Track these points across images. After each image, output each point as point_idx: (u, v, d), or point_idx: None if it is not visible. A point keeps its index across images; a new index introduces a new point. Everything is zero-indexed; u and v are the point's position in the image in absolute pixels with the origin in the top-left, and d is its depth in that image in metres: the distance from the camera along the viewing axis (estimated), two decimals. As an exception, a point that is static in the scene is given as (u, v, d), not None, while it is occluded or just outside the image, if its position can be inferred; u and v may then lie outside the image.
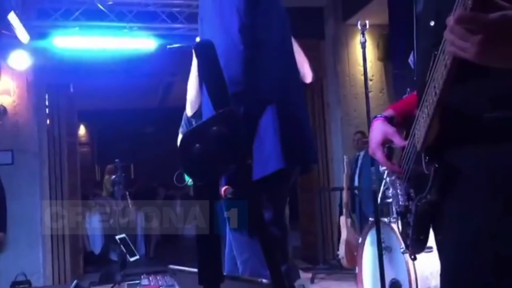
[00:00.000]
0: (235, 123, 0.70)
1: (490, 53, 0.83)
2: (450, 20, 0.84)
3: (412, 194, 1.20)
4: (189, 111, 1.80)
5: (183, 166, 0.73)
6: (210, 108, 0.75)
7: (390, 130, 1.24)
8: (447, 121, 1.04)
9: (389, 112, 1.29)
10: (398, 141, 1.22)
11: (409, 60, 5.08)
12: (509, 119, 0.98)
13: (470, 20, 0.81)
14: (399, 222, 1.34)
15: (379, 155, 1.25)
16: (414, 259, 1.43)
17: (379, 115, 1.30)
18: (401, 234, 1.33)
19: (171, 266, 0.89)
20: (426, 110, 1.05)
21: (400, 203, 1.30)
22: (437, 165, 1.07)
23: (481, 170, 1.01)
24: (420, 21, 1.21)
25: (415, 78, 1.24)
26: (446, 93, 0.96)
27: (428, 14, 1.13)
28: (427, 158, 1.10)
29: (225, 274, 0.74)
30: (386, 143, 1.25)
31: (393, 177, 1.38)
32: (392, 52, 5.58)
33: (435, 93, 0.98)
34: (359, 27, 2.71)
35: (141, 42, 5.44)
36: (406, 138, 1.22)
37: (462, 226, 1.04)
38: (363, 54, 2.77)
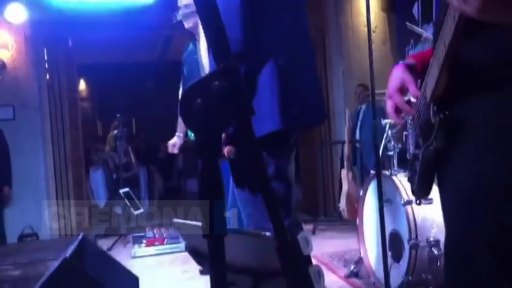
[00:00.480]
0: (236, 77, 0.69)
1: (491, 9, 0.84)
2: None
3: (420, 143, 1.25)
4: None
5: (184, 121, 0.73)
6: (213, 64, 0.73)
7: (408, 77, 1.26)
8: (455, 73, 1.07)
9: (409, 61, 1.32)
10: (413, 90, 1.25)
11: (413, 11, 4.99)
12: None
13: None
14: (401, 171, 1.40)
15: (396, 98, 1.28)
16: (419, 203, 1.51)
17: (401, 62, 1.33)
18: (409, 180, 1.39)
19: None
20: (436, 62, 1.08)
21: (411, 152, 1.36)
22: (442, 116, 1.10)
23: (486, 120, 1.04)
24: None
25: (434, 33, 1.26)
26: (454, 46, 0.99)
27: None
28: (435, 108, 1.14)
29: (228, 228, 0.75)
30: (403, 90, 1.28)
31: (395, 130, 1.44)
32: (396, 2, 5.46)
33: (445, 44, 1.01)
34: (362, -24, 2.64)
35: (139, -6, 5.32)
36: (420, 87, 1.25)
37: (465, 173, 1.08)
38: (366, 4, 2.70)
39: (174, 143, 3.88)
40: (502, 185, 1.02)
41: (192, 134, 3.45)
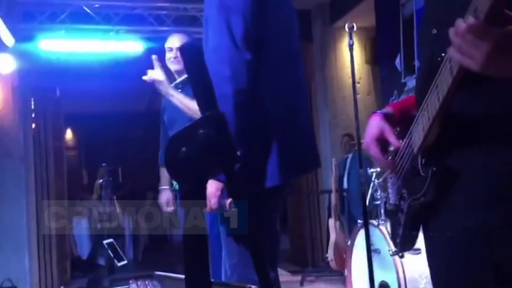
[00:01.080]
0: (222, 126, 0.69)
1: (496, 64, 0.84)
2: (461, 26, 0.84)
3: (404, 194, 1.21)
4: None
5: (169, 170, 0.72)
6: None
7: (387, 128, 1.23)
8: (447, 124, 1.05)
9: (388, 109, 1.30)
10: (393, 140, 1.22)
11: (396, 63, 5.13)
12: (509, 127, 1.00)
13: (483, 31, 0.82)
14: (388, 221, 1.36)
15: (373, 150, 1.25)
16: (402, 257, 1.46)
17: (378, 111, 1.30)
18: (390, 232, 1.35)
19: (157, 273, 0.87)
20: (426, 114, 1.05)
21: (391, 201, 1.31)
22: (434, 168, 1.07)
23: (480, 174, 1.02)
24: (422, 28, 1.22)
25: (416, 83, 1.27)
26: (449, 99, 0.97)
27: (430, 21, 1.15)
28: (424, 160, 1.11)
29: (212, 280, 0.73)
30: (381, 140, 1.25)
31: (381, 179, 1.41)
32: (379, 55, 5.61)
33: (438, 98, 0.99)
34: (346, 29, 2.72)
35: (128, 45, 5.41)
36: (400, 137, 1.23)
37: (458, 228, 1.05)
38: (351, 56, 2.77)
39: (167, 199, 3.68)
40: (495, 234, 1.00)
41: (176, 184, 3.39)
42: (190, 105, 2.40)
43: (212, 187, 1.87)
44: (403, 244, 1.26)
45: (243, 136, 1.46)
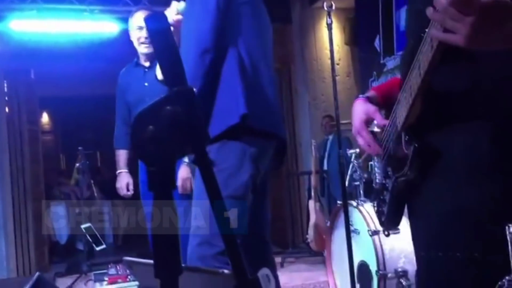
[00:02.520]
0: (190, 102, 0.65)
1: (479, 37, 0.82)
2: (441, 2, 0.83)
3: (389, 173, 1.22)
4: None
5: (135, 150, 0.68)
6: None
7: (371, 108, 1.24)
8: (429, 101, 1.05)
9: (371, 93, 1.31)
10: (379, 119, 1.23)
11: (375, 44, 5.11)
12: (489, 104, 1.00)
13: (465, 2, 0.80)
14: (367, 201, 1.38)
15: (364, 134, 1.26)
16: (388, 235, 1.50)
17: (361, 96, 1.31)
18: (376, 211, 1.35)
19: (126, 258, 0.84)
20: (409, 90, 1.06)
21: (377, 181, 1.32)
22: (416, 145, 1.08)
23: (462, 150, 1.03)
24: (409, 6, 1.23)
25: (401, 61, 1.27)
26: (430, 74, 0.97)
27: None
28: (407, 137, 1.12)
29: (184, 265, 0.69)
30: (369, 122, 1.26)
31: (361, 160, 1.43)
32: (358, 36, 5.59)
33: (420, 73, 0.99)
34: (325, 8, 2.68)
35: (103, 26, 5.28)
36: (386, 118, 1.24)
37: (438, 206, 1.06)
38: (329, 36, 2.73)
39: (126, 183, 3.48)
40: (480, 214, 1.00)
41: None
42: None
43: (184, 171, 1.85)
44: (389, 222, 1.28)
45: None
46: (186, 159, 2.84)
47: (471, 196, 1.00)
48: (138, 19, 3.08)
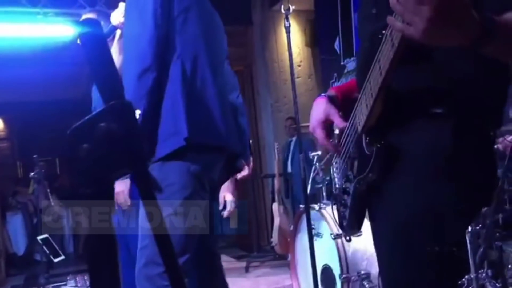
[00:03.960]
0: (127, 118, 0.60)
1: (436, 32, 0.81)
2: None
3: (350, 176, 1.20)
4: None
5: (69, 170, 0.62)
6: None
7: (332, 110, 1.23)
8: (389, 103, 1.04)
9: (331, 92, 1.29)
10: (338, 121, 1.22)
11: (335, 46, 5.14)
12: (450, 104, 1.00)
13: None
14: (330, 205, 1.37)
15: (318, 132, 1.24)
16: (349, 240, 1.48)
17: (323, 94, 1.30)
18: (337, 215, 1.32)
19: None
20: (369, 92, 1.04)
21: (337, 186, 1.30)
22: (378, 145, 1.07)
23: (421, 149, 1.03)
24: (362, 8, 1.22)
25: (357, 63, 1.29)
26: (391, 74, 0.96)
27: (369, 2, 1.15)
28: (368, 139, 1.10)
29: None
30: (327, 122, 1.24)
31: (323, 162, 1.41)
32: (318, 38, 5.61)
33: (380, 73, 0.97)
34: (282, 11, 2.66)
35: (58, 29, 5.11)
36: (345, 120, 1.22)
37: (400, 205, 1.05)
38: (287, 39, 2.72)
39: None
40: (442, 211, 1.01)
41: None
42: None
43: (120, 186, 1.80)
44: (350, 227, 1.26)
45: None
46: None
47: (433, 193, 1.01)
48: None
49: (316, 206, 3.02)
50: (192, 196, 1.58)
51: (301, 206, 3.27)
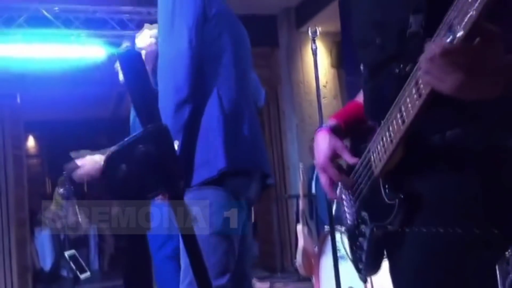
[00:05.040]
0: (164, 141, 0.63)
1: (470, 87, 0.77)
2: (432, 50, 0.77)
3: (365, 217, 1.11)
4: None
5: (107, 190, 0.65)
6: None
7: (338, 144, 1.14)
8: (411, 148, 0.97)
9: (333, 122, 1.20)
10: (347, 157, 1.13)
11: (361, 67, 5.15)
12: (473, 149, 0.93)
13: (460, 53, 0.74)
14: (350, 245, 1.27)
15: (330, 171, 1.15)
16: (365, 281, 1.37)
17: (323, 125, 1.22)
18: (352, 256, 1.23)
19: None
20: (388, 136, 0.97)
21: (349, 221, 1.21)
22: (401, 196, 0.99)
23: (445, 200, 0.96)
24: (359, 35, 1.13)
25: (363, 90, 1.17)
26: (416, 123, 0.89)
27: (369, 28, 1.06)
28: (387, 186, 1.02)
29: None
30: (335, 158, 1.15)
31: (338, 192, 1.30)
32: (345, 59, 5.64)
33: (404, 121, 0.90)
34: (309, 34, 2.69)
35: (90, 50, 5.26)
36: (352, 151, 1.15)
37: (423, 257, 0.99)
38: (314, 62, 2.75)
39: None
40: (468, 258, 0.94)
41: None
42: None
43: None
44: (368, 270, 1.17)
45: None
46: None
47: (457, 241, 0.94)
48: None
49: (342, 228, 3.00)
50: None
51: (326, 227, 3.25)
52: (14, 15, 4.96)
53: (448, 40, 0.75)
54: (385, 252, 1.13)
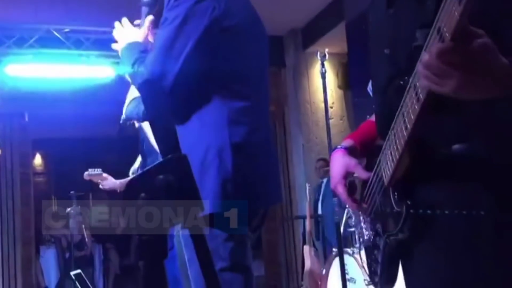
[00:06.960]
0: (184, 170, 0.64)
1: (468, 86, 0.79)
2: (426, 55, 0.80)
3: (379, 230, 1.13)
4: None
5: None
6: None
7: (351, 162, 1.17)
8: (417, 155, 0.98)
9: (348, 142, 1.23)
10: (361, 173, 1.16)
11: (368, 89, 5.17)
12: (480, 158, 0.93)
13: (452, 51, 0.76)
14: (365, 257, 1.28)
15: (340, 191, 1.19)
16: None
17: (339, 146, 1.23)
18: (368, 270, 1.26)
19: None
20: (394, 145, 0.99)
21: (365, 237, 1.23)
22: (408, 203, 1.00)
23: (454, 210, 0.96)
24: (373, 47, 1.16)
25: (374, 106, 1.20)
26: (418, 128, 0.91)
27: (380, 40, 1.10)
28: (396, 194, 1.04)
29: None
30: (348, 176, 1.18)
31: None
32: (351, 80, 5.66)
33: (406, 127, 0.92)
34: (318, 57, 2.71)
35: (99, 70, 5.33)
36: (367, 168, 1.16)
37: (433, 274, 0.99)
38: (323, 84, 2.77)
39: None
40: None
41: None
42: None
43: None
44: (384, 283, 1.18)
45: None
46: None
47: (468, 267, 0.93)
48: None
49: (350, 250, 2.99)
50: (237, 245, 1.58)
51: (334, 250, 3.24)
52: (25, 35, 5.04)
53: (439, 43, 0.78)
54: (400, 263, 1.13)
